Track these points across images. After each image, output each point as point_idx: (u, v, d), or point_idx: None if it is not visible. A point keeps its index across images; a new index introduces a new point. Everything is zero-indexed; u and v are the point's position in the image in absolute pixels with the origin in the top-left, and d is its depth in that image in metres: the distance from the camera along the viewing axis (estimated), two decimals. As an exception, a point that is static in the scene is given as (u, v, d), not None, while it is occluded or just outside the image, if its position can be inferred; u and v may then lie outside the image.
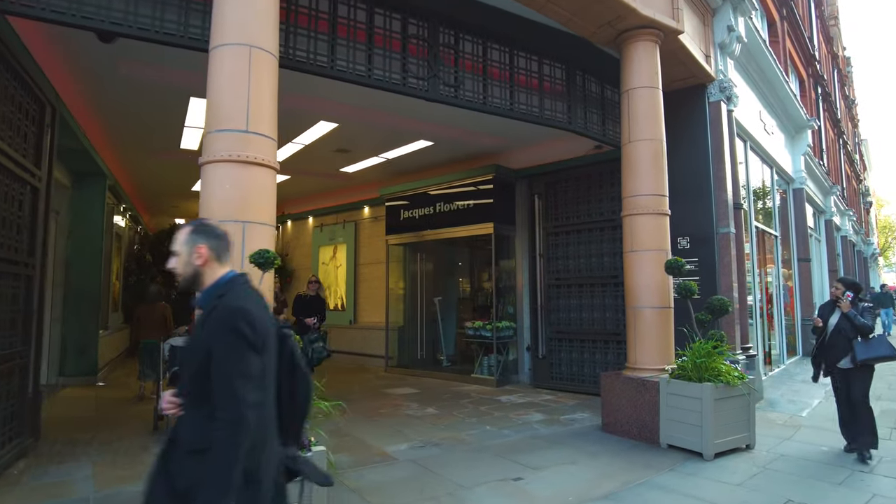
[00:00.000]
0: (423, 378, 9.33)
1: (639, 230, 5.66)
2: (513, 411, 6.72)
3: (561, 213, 8.45)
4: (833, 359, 4.92)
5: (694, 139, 7.14)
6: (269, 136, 3.69)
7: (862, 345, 4.71)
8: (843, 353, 4.82)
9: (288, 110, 7.13)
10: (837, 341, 4.85)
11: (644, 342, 5.54)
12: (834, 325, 4.91)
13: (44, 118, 5.31)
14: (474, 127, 8.10)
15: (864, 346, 4.70)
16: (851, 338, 4.75)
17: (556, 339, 8.33)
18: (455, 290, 11.20)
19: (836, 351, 4.88)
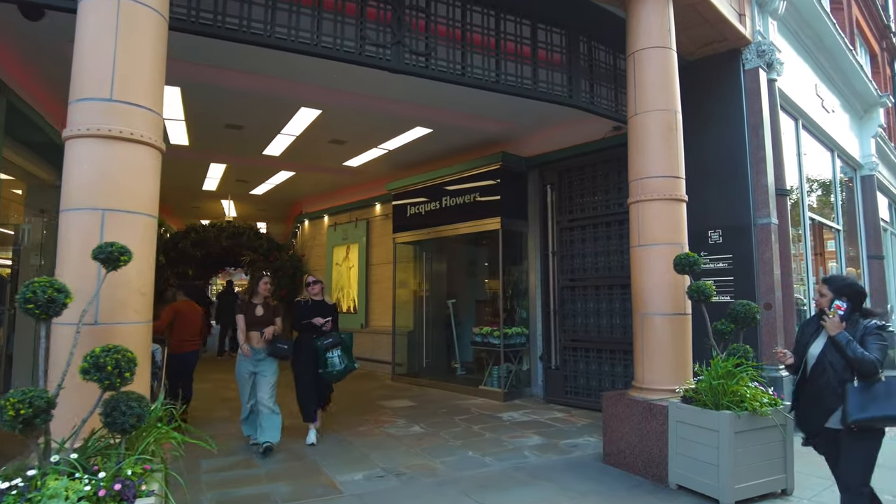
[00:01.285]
0: (428, 389, 8.55)
1: (648, 219, 4.67)
2: (509, 432, 5.83)
3: (576, 205, 7.47)
4: (815, 412, 3.02)
5: (727, 114, 6.03)
6: (145, 106, 3.00)
7: (860, 392, 2.80)
8: (830, 404, 2.93)
9: (266, 97, 6.58)
10: (821, 383, 2.98)
11: (653, 357, 4.54)
12: (816, 357, 3.03)
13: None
14: (476, 110, 7.26)
15: (862, 394, 2.79)
16: (844, 379, 2.87)
17: (571, 349, 7.35)
18: (472, 291, 10.34)
19: (819, 399, 2.99)
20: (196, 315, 6.37)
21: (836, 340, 2.88)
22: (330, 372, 5.42)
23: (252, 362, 5.28)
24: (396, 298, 9.78)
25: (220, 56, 5.57)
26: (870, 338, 2.85)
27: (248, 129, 7.66)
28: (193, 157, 9.03)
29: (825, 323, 2.92)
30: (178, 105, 6.62)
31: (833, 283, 3.07)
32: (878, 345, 2.83)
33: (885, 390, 2.77)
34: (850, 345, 2.83)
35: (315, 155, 9.05)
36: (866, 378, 2.80)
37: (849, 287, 3.03)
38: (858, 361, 2.80)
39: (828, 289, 3.06)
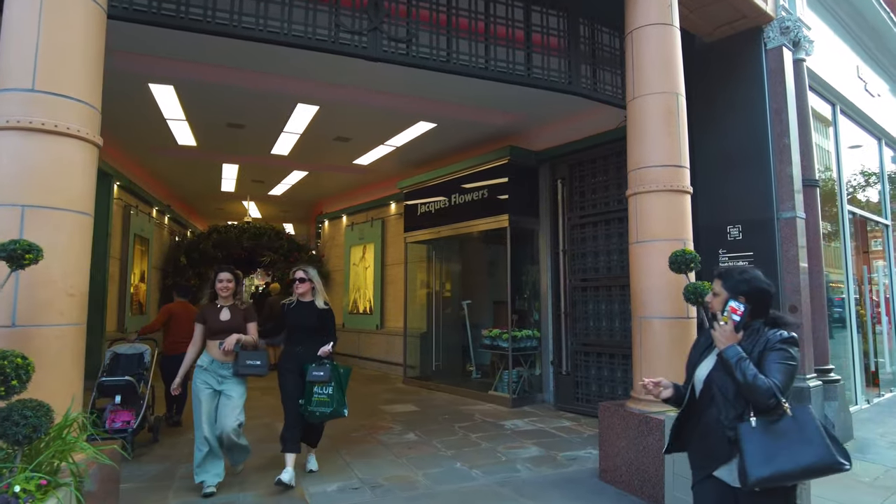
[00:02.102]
0: (437, 392, 8.27)
1: (646, 213, 4.25)
2: (507, 442, 5.48)
3: (587, 201, 7.03)
4: (701, 458, 2.17)
5: (747, 98, 5.51)
6: (75, 98, 2.84)
7: (760, 434, 1.92)
8: (717, 451, 2.06)
9: (262, 93, 6.45)
10: (707, 420, 2.13)
11: (652, 365, 4.12)
12: (703, 382, 2.19)
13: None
14: (481, 103, 6.95)
15: (764, 437, 1.91)
16: (737, 415, 2.01)
17: (583, 353, 6.92)
18: (489, 292, 9.98)
19: (704, 441, 2.15)
20: (191, 316, 6.27)
21: (723, 357, 2.05)
22: (312, 412, 4.25)
23: (215, 377, 4.15)
24: (410, 299, 9.54)
25: (211, 53, 5.45)
26: (771, 354, 2.00)
27: (251, 127, 7.57)
28: (204, 157, 9.04)
29: (714, 332, 2.13)
30: (176, 104, 6.57)
31: (728, 278, 2.20)
32: (782, 365, 1.98)
33: (794, 429, 1.91)
34: (740, 364, 1.98)
35: (323, 153, 8.91)
36: (763, 412, 1.94)
37: (748, 284, 2.14)
38: (748, 388, 1.94)
39: (721, 286, 2.20)
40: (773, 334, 2.07)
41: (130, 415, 5.07)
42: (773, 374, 1.97)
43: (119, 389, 5.08)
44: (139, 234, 10.01)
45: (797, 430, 1.91)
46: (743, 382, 1.97)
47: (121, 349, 5.48)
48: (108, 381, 5.06)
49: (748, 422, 1.95)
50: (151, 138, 7.94)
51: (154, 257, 11.23)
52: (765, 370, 1.98)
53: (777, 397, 1.92)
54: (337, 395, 4.29)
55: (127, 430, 4.88)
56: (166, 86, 6.06)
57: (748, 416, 1.97)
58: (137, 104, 6.55)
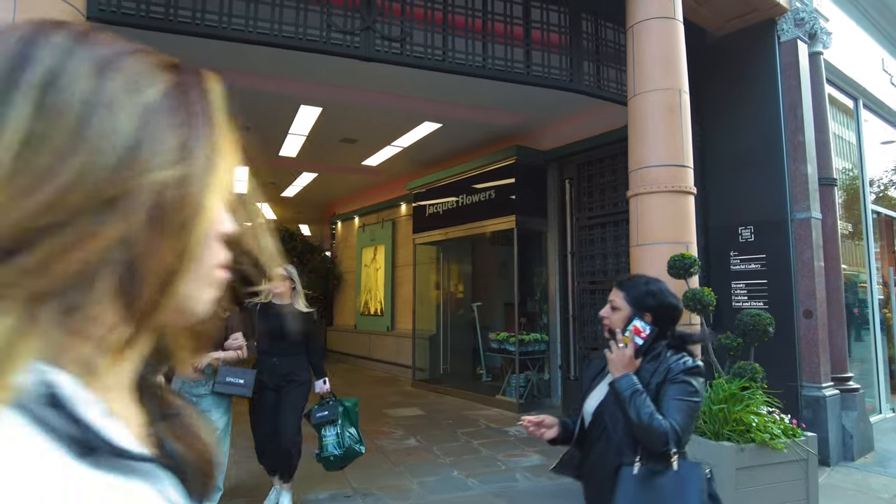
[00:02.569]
0: (444, 396, 8.16)
1: (647, 215, 4.08)
2: (509, 450, 5.35)
3: (595, 201, 6.85)
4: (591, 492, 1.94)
5: (758, 94, 5.28)
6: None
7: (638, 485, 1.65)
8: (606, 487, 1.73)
9: (264, 95, 6.42)
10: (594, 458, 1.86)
11: (652, 372, 3.95)
12: (593, 414, 1.89)
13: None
14: (486, 103, 6.82)
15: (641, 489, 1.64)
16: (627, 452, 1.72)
17: (590, 358, 6.73)
18: (500, 294, 9.84)
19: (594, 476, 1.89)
20: None
21: (615, 389, 1.72)
22: (327, 458, 3.76)
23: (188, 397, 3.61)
24: (419, 301, 9.46)
25: (207, 55, 5.43)
26: (672, 388, 1.68)
27: (256, 130, 7.55)
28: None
29: (609, 356, 1.78)
30: (180, 107, 6.58)
31: (632, 289, 1.83)
32: (683, 403, 1.66)
33: (673, 486, 1.60)
34: (635, 399, 1.65)
35: (331, 155, 8.88)
36: (654, 458, 1.63)
37: (656, 299, 1.80)
38: (642, 430, 1.63)
39: (623, 299, 1.83)
40: (676, 362, 1.74)
41: None
42: (672, 414, 1.65)
43: None
44: (152, 237, 10.12)
45: (676, 488, 1.60)
46: (637, 422, 1.64)
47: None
48: None
49: (629, 467, 1.66)
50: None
51: (168, 259, 11.36)
52: (662, 407, 1.66)
53: (670, 444, 1.61)
54: (348, 432, 3.82)
55: None
56: (168, 89, 6.06)
57: (634, 459, 1.67)
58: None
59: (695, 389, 1.72)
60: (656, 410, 1.65)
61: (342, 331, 12.57)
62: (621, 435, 1.72)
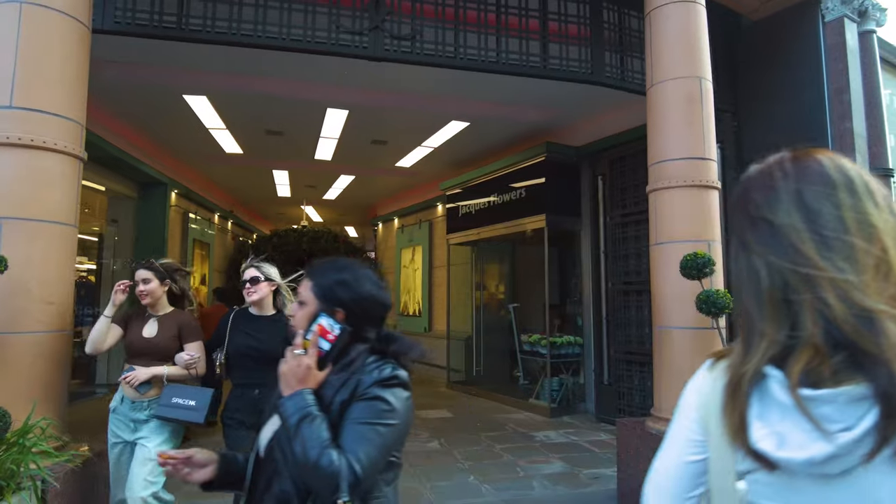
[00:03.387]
0: (477, 398, 8.05)
1: (666, 212, 3.84)
2: (532, 456, 5.19)
3: (628, 198, 6.56)
4: None
5: (800, 79, 4.90)
6: (55, 113, 2.94)
7: None
8: None
9: (291, 100, 6.53)
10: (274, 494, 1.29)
11: (672, 380, 3.71)
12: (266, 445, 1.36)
13: None
14: (513, 100, 6.66)
15: None
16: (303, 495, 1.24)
17: (625, 362, 6.46)
18: (538, 295, 9.61)
19: None
20: None
21: (280, 414, 1.27)
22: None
23: (125, 423, 2.90)
24: (455, 302, 9.39)
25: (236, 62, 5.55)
26: (357, 408, 1.24)
27: (289, 134, 7.72)
28: (253, 164, 9.36)
29: (282, 368, 1.31)
30: (213, 114, 6.79)
31: (320, 277, 1.39)
32: (369, 428, 1.21)
33: None
34: (302, 427, 1.20)
35: (364, 157, 8.95)
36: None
37: (351, 290, 1.35)
38: (307, 470, 1.18)
39: (311, 290, 1.37)
40: (372, 371, 1.28)
41: None
42: (351, 445, 1.18)
43: None
44: (199, 239, 10.54)
45: None
46: (302, 460, 1.17)
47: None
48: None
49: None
50: (201, 148, 8.30)
51: (217, 261, 11.80)
52: (344, 435, 1.20)
53: (341, 491, 1.13)
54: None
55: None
56: (200, 97, 6.27)
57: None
58: (178, 116, 6.84)
59: (390, 408, 1.24)
60: (331, 441, 1.19)
61: (383, 331, 12.67)
62: (289, 480, 1.24)
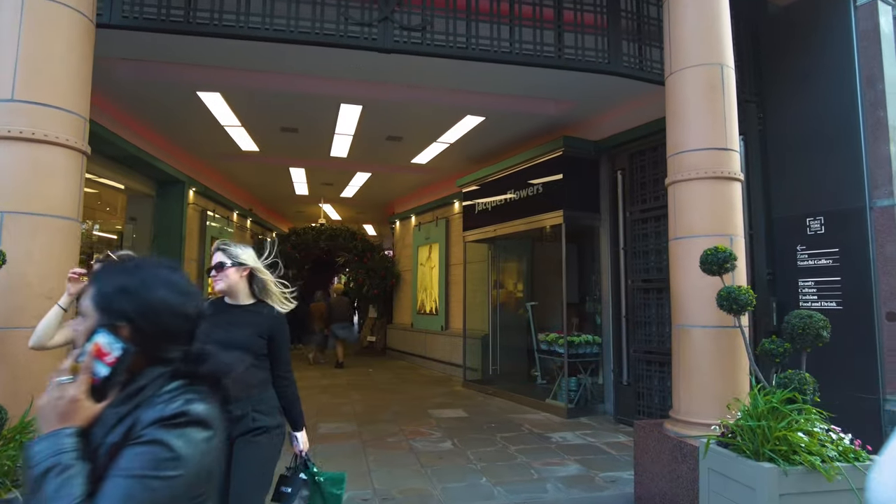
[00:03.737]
0: (493, 398, 7.93)
1: (686, 204, 3.68)
2: (546, 458, 5.05)
3: (648, 192, 6.36)
4: None
5: (830, 66, 4.66)
6: (58, 107, 2.91)
7: None
8: None
9: (304, 96, 6.48)
10: None
11: (691, 381, 3.55)
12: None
13: None
14: (530, 92, 6.53)
15: None
16: None
17: (644, 362, 6.27)
18: (557, 293, 9.43)
19: None
20: None
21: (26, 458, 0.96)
22: None
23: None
24: (471, 300, 9.28)
25: (248, 58, 5.54)
26: (131, 453, 0.93)
27: (304, 131, 7.69)
28: (269, 161, 9.37)
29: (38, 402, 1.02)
30: (227, 111, 6.79)
31: (104, 281, 1.09)
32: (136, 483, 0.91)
33: None
34: (49, 478, 0.92)
35: (379, 154, 8.89)
36: None
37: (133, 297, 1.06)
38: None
39: (91, 297, 1.07)
40: (157, 404, 0.99)
41: None
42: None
43: None
44: (217, 237, 10.61)
45: None
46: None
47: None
48: None
49: None
50: (217, 145, 8.33)
51: (235, 259, 11.86)
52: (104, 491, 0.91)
53: None
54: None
55: None
56: (214, 93, 6.27)
57: None
58: (193, 113, 6.86)
59: (172, 456, 0.94)
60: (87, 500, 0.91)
61: (401, 329, 12.62)
62: None
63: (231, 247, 2.55)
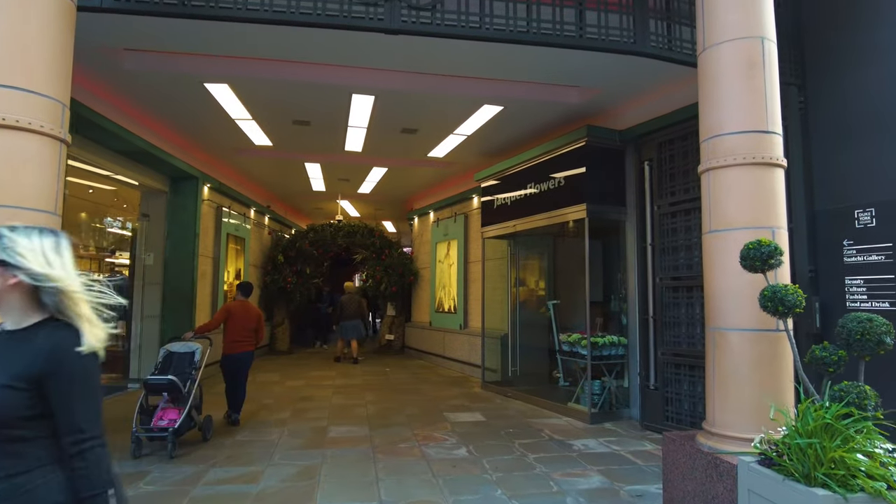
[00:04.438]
0: (512, 401, 7.61)
1: (722, 194, 3.31)
2: (567, 467, 4.72)
3: (678, 184, 5.96)
4: None
5: (882, 43, 4.21)
6: (31, 90, 2.69)
7: None
8: None
9: (315, 85, 6.21)
10: None
11: (728, 390, 3.19)
12: None
13: None
14: (550, 78, 6.18)
15: None
16: None
17: (673, 365, 5.88)
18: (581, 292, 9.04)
19: None
20: (250, 315, 6.27)
21: None
22: None
23: None
24: (490, 299, 8.97)
25: (256, 45, 5.31)
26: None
27: (316, 124, 7.46)
28: (284, 156, 9.18)
29: None
30: (237, 103, 6.59)
31: None
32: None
33: None
34: None
35: (395, 147, 8.62)
36: None
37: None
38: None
39: None
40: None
41: (177, 413, 5.08)
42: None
43: (162, 388, 5.12)
44: (233, 234, 10.48)
45: None
46: None
47: (174, 347, 5.56)
48: (151, 380, 5.13)
49: None
50: (229, 140, 8.16)
51: (252, 256, 11.76)
52: None
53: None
54: None
55: (169, 429, 4.87)
56: (221, 84, 6.07)
57: None
58: (202, 106, 6.68)
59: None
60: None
61: (419, 327, 12.36)
62: None
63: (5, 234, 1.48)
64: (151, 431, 4.92)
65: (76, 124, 5.92)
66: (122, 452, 4.88)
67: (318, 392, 8.18)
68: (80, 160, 6.83)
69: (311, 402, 7.40)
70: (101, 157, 7.00)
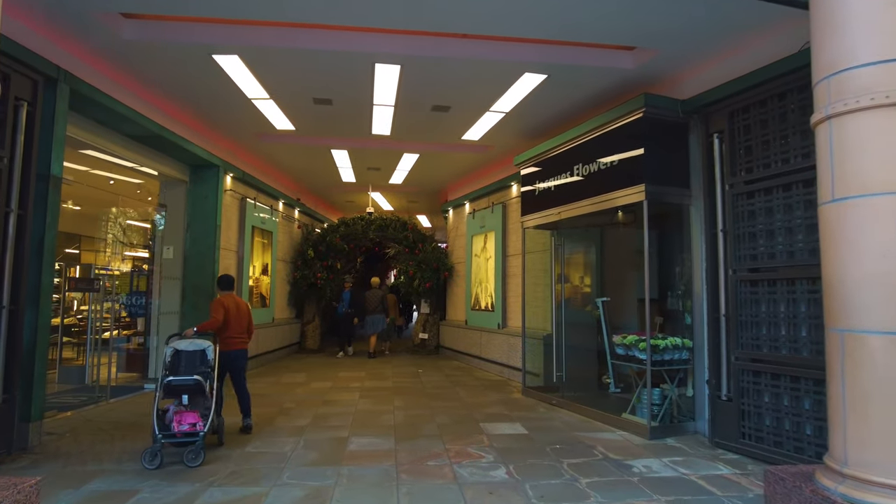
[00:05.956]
0: (557, 409, 6.79)
1: (853, 148, 2.44)
2: (628, 496, 3.89)
3: (757, 159, 5.02)
4: None
5: None
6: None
7: None
8: None
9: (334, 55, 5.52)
10: None
11: (869, 415, 2.32)
12: None
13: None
14: (601, 37, 5.27)
15: None
16: None
17: (751, 372, 4.96)
18: (634, 287, 8.13)
19: None
20: (241, 310, 5.68)
21: None
22: None
23: None
24: (532, 295, 8.16)
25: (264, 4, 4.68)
26: None
27: (339, 102, 6.82)
28: (308, 142, 8.60)
29: None
30: (251, 78, 5.99)
31: None
32: None
33: None
34: None
35: (426, 129, 7.91)
36: None
37: None
38: None
39: None
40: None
41: (196, 416, 4.64)
42: None
43: (187, 389, 4.68)
44: (259, 227, 9.99)
45: None
46: None
47: (181, 345, 5.00)
48: (175, 381, 4.64)
49: None
50: (249, 123, 7.62)
51: (281, 250, 11.28)
52: None
53: None
54: None
55: (197, 433, 4.48)
56: (231, 56, 5.47)
57: None
58: (214, 84, 6.13)
59: None
60: None
61: (454, 326, 11.63)
62: None
63: None
64: (174, 437, 4.45)
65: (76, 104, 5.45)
66: (132, 461, 4.33)
67: (343, 395, 7.55)
68: (95, 147, 6.40)
69: (335, 408, 6.77)
70: (114, 145, 6.55)
